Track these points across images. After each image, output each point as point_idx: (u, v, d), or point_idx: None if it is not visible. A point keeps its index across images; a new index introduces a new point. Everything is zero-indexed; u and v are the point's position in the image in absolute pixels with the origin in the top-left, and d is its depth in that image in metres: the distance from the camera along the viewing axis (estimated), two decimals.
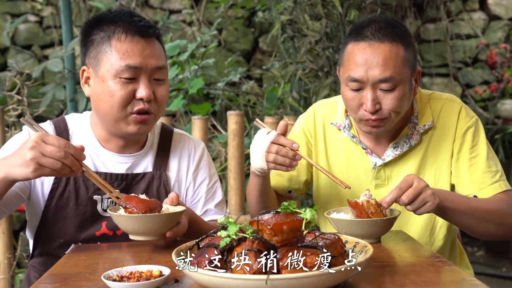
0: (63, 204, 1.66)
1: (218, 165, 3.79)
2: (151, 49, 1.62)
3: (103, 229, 1.69)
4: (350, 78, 1.65)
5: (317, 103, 1.98)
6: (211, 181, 1.85)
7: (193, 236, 1.64)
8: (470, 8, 4.93)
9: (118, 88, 1.57)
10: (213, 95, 4.45)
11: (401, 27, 1.69)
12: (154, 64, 1.61)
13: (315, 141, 1.90)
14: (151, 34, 1.63)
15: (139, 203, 1.39)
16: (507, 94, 4.77)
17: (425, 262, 1.29)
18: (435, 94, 1.85)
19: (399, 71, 1.63)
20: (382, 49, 1.63)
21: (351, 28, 1.76)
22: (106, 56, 1.58)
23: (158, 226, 1.39)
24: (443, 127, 1.79)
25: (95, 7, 4.57)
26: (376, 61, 1.62)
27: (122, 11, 1.64)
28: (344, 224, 1.49)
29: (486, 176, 1.71)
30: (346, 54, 1.70)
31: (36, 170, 1.34)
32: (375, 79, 1.62)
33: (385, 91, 1.63)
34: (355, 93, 1.66)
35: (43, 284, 1.22)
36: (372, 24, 1.67)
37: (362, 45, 1.65)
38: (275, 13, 3.39)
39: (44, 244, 1.70)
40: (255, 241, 1.08)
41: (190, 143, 1.85)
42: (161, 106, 1.67)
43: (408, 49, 1.67)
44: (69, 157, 1.36)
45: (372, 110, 1.64)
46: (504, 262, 4.29)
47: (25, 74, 3.54)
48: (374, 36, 1.64)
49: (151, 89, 1.61)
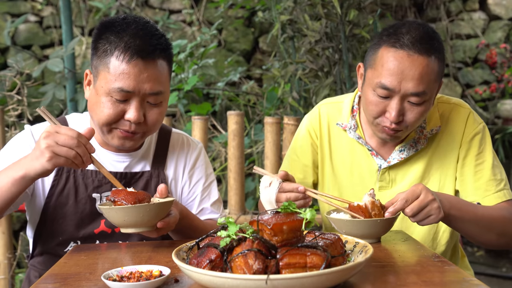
0: (62, 201, 1.67)
1: (218, 165, 3.79)
2: (150, 73, 1.54)
3: (102, 227, 1.70)
4: (381, 85, 1.61)
5: (322, 103, 1.95)
6: (207, 181, 1.85)
7: (185, 231, 1.64)
8: (470, 8, 4.93)
9: (108, 107, 1.55)
10: (213, 95, 4.45)
11: (439, 39, 1.64)
12: (149, 90, 1.54)
13: (321, 141, 1.89)
14: (153, 56, 1.54)
15: (127, 195, 1.41)
16: (507, 94, 4.77)
17: (425, 262, 1.29)
18: (444, 98, 1.83)
19: (432, 87, 1.61)
20: (420, 62, 1.58)
21: (386, 28, 1.68)
22: (104, 72, 1.55)
23: (149, 216, 1.40)
24: (450, 132, 1.77)
25: (95, 7, 4.57)
26: (413, 74, 1.57)
27: (132, 22, 1.56)
28: (344, 224, 1.49)
29: (491, 184, 1.70)
30: (379, 58, 1.63)
31: (52, 158, 1.37)
32: (408, 92, 1.58)
33: (413, 104, 1.61)
34: (382, 99, 1.63)
35: (43, 284, 1.22)
36: (412, 31, 1.61)
37: (400, 53, 1.59)
38: (275, 13, 3.39)
39: (44, 242, 1.71)
40: (255, 241, 1.08)
41: (187, 143, 1.85)
42: (152, 127, 1.62)
43: (442, 63, 1.64)
44: (81, 146, 1.40)
45: (396, 121, 1.61)
46: (504, 262, 4.29)
47: (25, 74, 3.54)
48: (413, 45, 1.58)
49: (141, 112, 1.56)
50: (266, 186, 1.60)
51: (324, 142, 1.88)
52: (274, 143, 2.91)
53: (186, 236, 1.67)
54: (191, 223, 1.66)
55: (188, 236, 1.67)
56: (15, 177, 1.41)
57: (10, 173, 1.43)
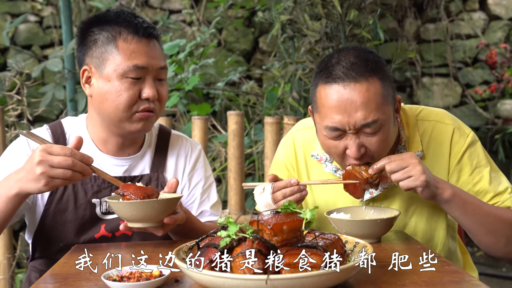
0: (62, 208, 1.66)
1: (218, 165, 3.79)
2: (154, 50, 1.65)
3: (102, 232, 1.69)
4: (329, 128, 1.50)
5: (296, 129, 1.84)
6: (207, 183, 1.85)
7: (187, 235, 1.65)
8: (470, 8, 4.93)
9: (125, 88, 1.59)
10: (213, 95, 4.45)
11: (374, 58, 1.52)
12: (158, 65, 1.64)
13: (298, 173, 1.78)
14: (153, 35, 1.66)
15: (136, 190, 1.41)
16: (507, 94, 4.77)
17: (425, 262, 1.29)
18: (423, 113, 1.70)
19: (382, 110, 1.49)
20: (359, 90, 1.46)
21: (319, 66, 1.57)
22: (112, 56, 1.59)
23: (156, 212, 1.41)
24: (434, 155, 1.65)
25: (95, 7, 4.56)
26: (355, 105, 1.46)
27: (124, 11, 1.67)
28: (344, 224, 1.49)
29: (495, 200, 1.62)
30: (319, 98, 1.53)
31: (48, 183, 1.35)
32: (358, 125, 1.47)
33: (370, 134, 1.50)
34: (337, 140, 1.53)
35: (43, 284, 1.22)
36: (342, 60, 1.50)
37: (335, 88, 1.48)
38: (275, 13, 3.38)
39: (43, 248, 1.70)
40: (255, 241, 1.08)
41: (187, 145, 1.85)
42: (163, 105, 1.70)
43: (385, 81, 1.51)
44: (78, 164, 1.37)
45: (358, 156, 1.51)
46: (504, 262, 4.29)
47: (24, 74, 3.54)
48: (346, 75, 1.47)
49: (155, 89, 1.63)
50: (261, 193, 1.59)
51: (303, 174, 1.78)
52: (274, 143, 2.91)
53: (187, 237, 1.67)
54: (193, 225, 1.66)
55: (188, 237, 1.67)
56: (9, 196, 1.41)
57: (2, 191, 1.41)
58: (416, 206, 1.70)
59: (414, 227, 1.72)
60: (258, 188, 1.61)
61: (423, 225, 1.72)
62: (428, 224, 1.73)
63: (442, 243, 1.75)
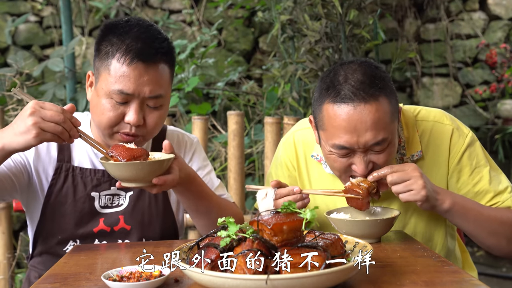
0: (61, 200, 1.68)
1: (218, 165, 3.79)
2: (150, 76, 1.53)
3: (101, 226, 1.70)
4: (338, 146, 1.49)
5: (296, 129, 1.83)
6: (205, 170, 1.84)
7: (196, 198, 1.64)
8: (470, 8, 4.93)
9: (108, 109, 1.54)
10: (213, 95, 4.45)
11: (381, 75, 1.50)
12: (148, 93, 1.54)
13: (299, 173, 1.78)
14: (154, 60, 1.54)
15: (123, 152, 1.44)
16: (507, 94, 4.77)
17: (425, 262, 1.29)
18: (422, 113, 1.70)
19: (390, 129, 1.49)
20: (369, 111, 1.45)
21: (323, 80, 1.54)
22: (105, 73, 1.55)
23: (143, 173, 1.43)
24: (433, 155, 1.65)
25: (95, 7, 4.56)
26: (365, 126, 1.45)
27: (135, 25, 1.57)
28: (344, 224, 1.49)
29: (495, 200, 1.62)
30: (326, 117, 1.50)
31: (38, 135, 1.36)
32: (367, 144, 1.47)
33: (377, 152, 1.50)
34: (345, 158, 1.52)
35: (43, 284, 1.22)
36: (350, 78, 1.47)
37: (344, 108, 1.46)
38: (275, 13, 3.39)
39: (43, 241, 1.71)
40: (255, 241, 1.08)
41: (183, 138, 1.85)
42: (152, 130, 1.61)
43: (392, 97, 1.51)
44: (67, 121, 1.40)
45: (366, 173, 1.51)
46: (504, 262, 4.29)
47: (24, 74, 3.54)
48: (356, 95, 1.45)
49: (141, 115, 1.55)
50: (263, 198, 1.58)
51: (303, 174, 1.77)
52: (274, 143, 2.91)
53: (198, 201, 1.65)
54: (201, 188, 1.64)
55: (200, 200, 1.65)
56: None
57: None
58: (416, 206, 1.69)
59: (414, 227, 1.72)
60: (260, 192, 1.61)
61: (423, 225, 1.72)
62: (427, 224, 1.73)
63: (442, 243, 1.75)
